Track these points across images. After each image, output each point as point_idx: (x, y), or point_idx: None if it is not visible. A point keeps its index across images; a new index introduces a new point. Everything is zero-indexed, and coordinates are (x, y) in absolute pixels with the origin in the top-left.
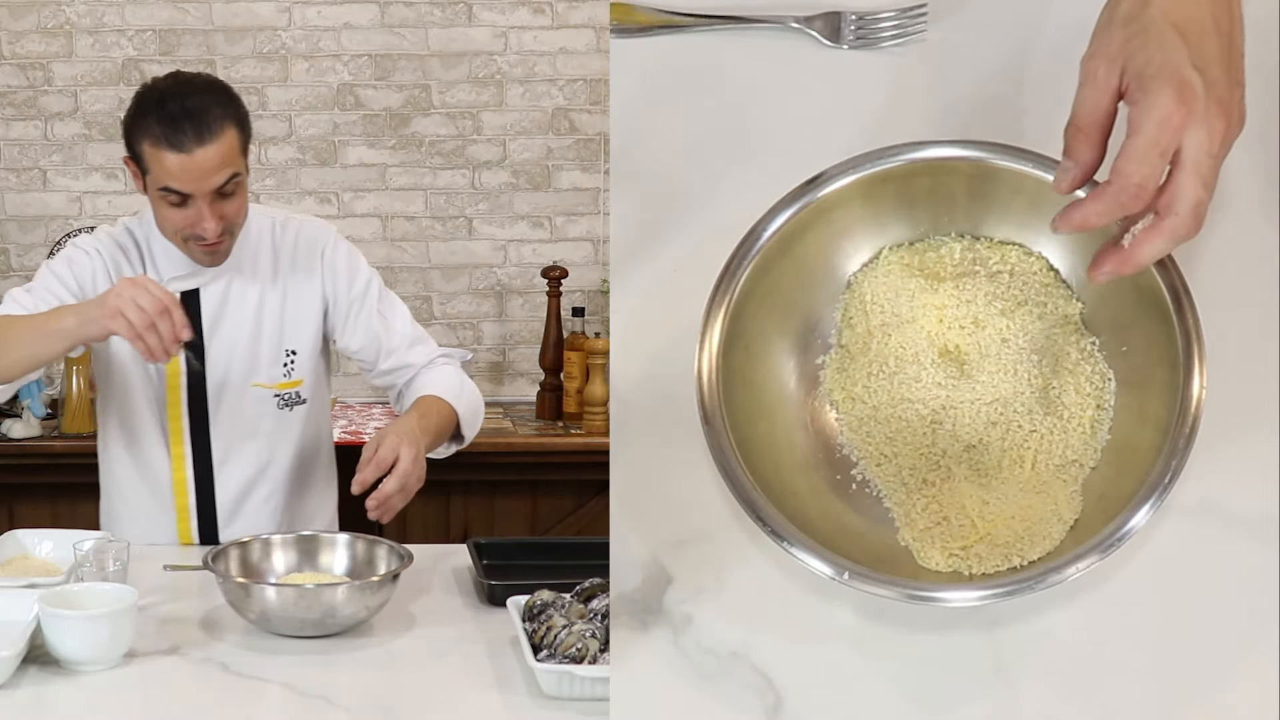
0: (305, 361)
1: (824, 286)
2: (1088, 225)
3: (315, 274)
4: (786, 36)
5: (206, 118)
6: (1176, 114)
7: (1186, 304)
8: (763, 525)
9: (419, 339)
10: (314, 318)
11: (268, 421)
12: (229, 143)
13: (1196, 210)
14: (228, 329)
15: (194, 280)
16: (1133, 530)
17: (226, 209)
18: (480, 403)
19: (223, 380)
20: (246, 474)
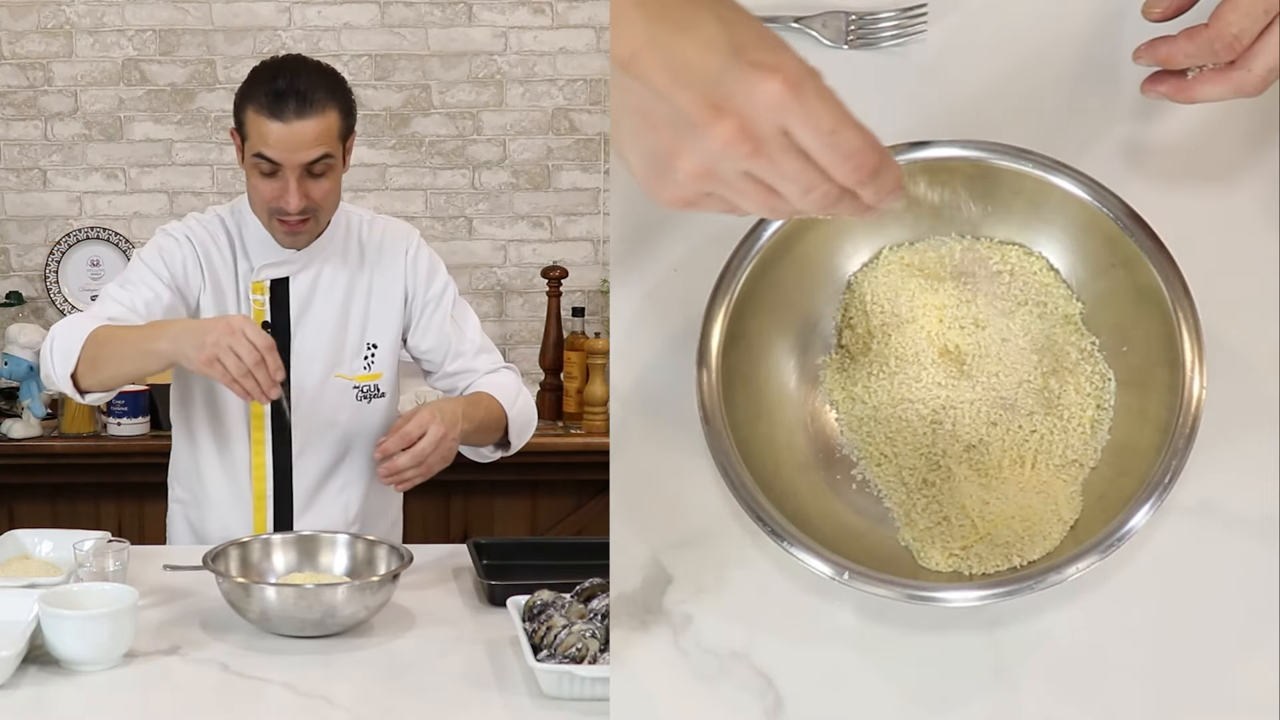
0: (385, 356)
1: (824, 286)
2: (1172, 61)
3: (399, 270)
4: (786, 36)
5: (311, 95)
6: None
7: (1186, 304)
8: (763, 525)
9: (486, 348)
10: (395, 313)
11: (346, 412)
12: (328, 123)
13: (1269, 74)
14: (314, 318)
15: (284, 269)
16: (1133, 530)
17: (313, 189)
18: (533, 416)
19: (307, 368)
20: (324, 464)
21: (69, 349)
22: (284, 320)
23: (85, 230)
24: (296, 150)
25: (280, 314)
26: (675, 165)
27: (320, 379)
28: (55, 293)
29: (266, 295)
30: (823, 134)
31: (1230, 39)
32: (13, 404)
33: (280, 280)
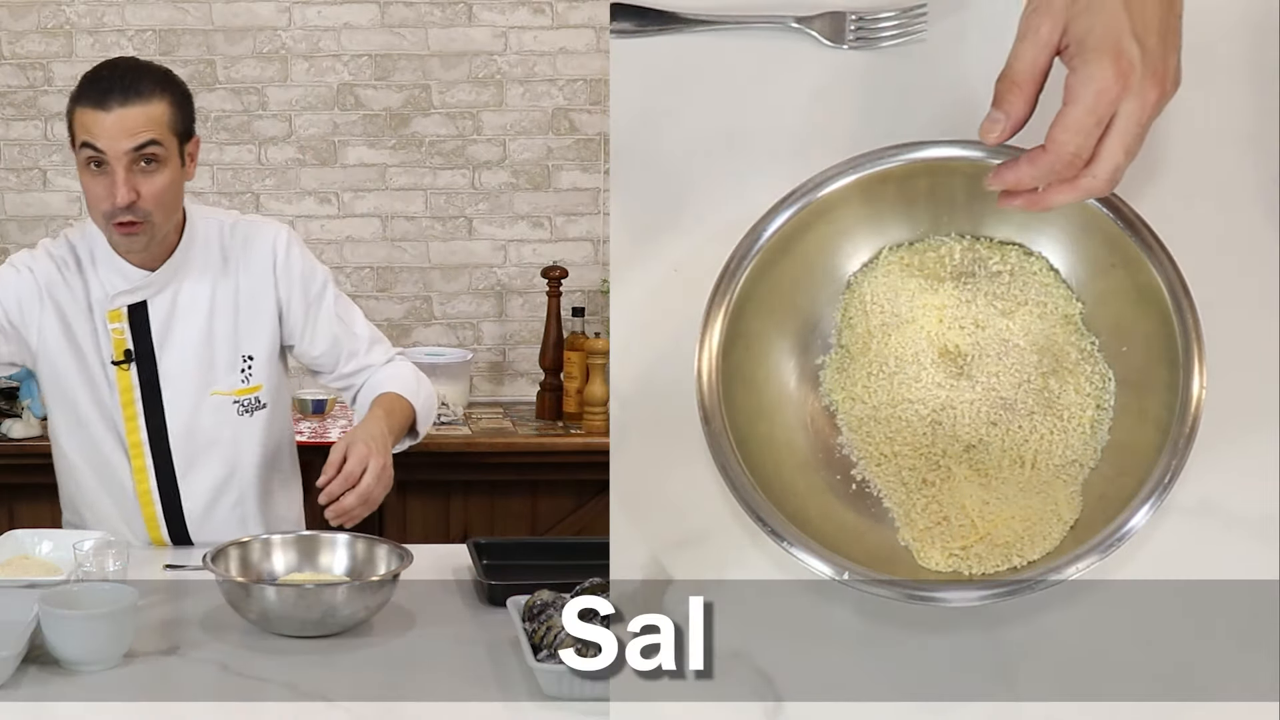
0: (263, 365)
1: (824, 286)
2: (1020, 186)
3: (267, 277)
4: (786, 36)
5: (136, 84)
6: (1114, 86)
7: (1186, 304)
8: (763, 525)
9: (376, 339)
10: (269, 321)
11: (229, 429)
12: (156, 110)
13: (1114, 175)
14: (178, 340)
15: (140, 293)
16: (1133, 530)
17: (143, 184)
18: (435, 399)
19: (178, 391)
20: (211, 483)
21: None
22: (147, 346)
23: None
24: (121, 137)
25: (142, 340)
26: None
27: (195, 399)
28: None
29: (125, 322)
30: None
31: (1069, 158)
32: (13, 404)
33: (137, 305)
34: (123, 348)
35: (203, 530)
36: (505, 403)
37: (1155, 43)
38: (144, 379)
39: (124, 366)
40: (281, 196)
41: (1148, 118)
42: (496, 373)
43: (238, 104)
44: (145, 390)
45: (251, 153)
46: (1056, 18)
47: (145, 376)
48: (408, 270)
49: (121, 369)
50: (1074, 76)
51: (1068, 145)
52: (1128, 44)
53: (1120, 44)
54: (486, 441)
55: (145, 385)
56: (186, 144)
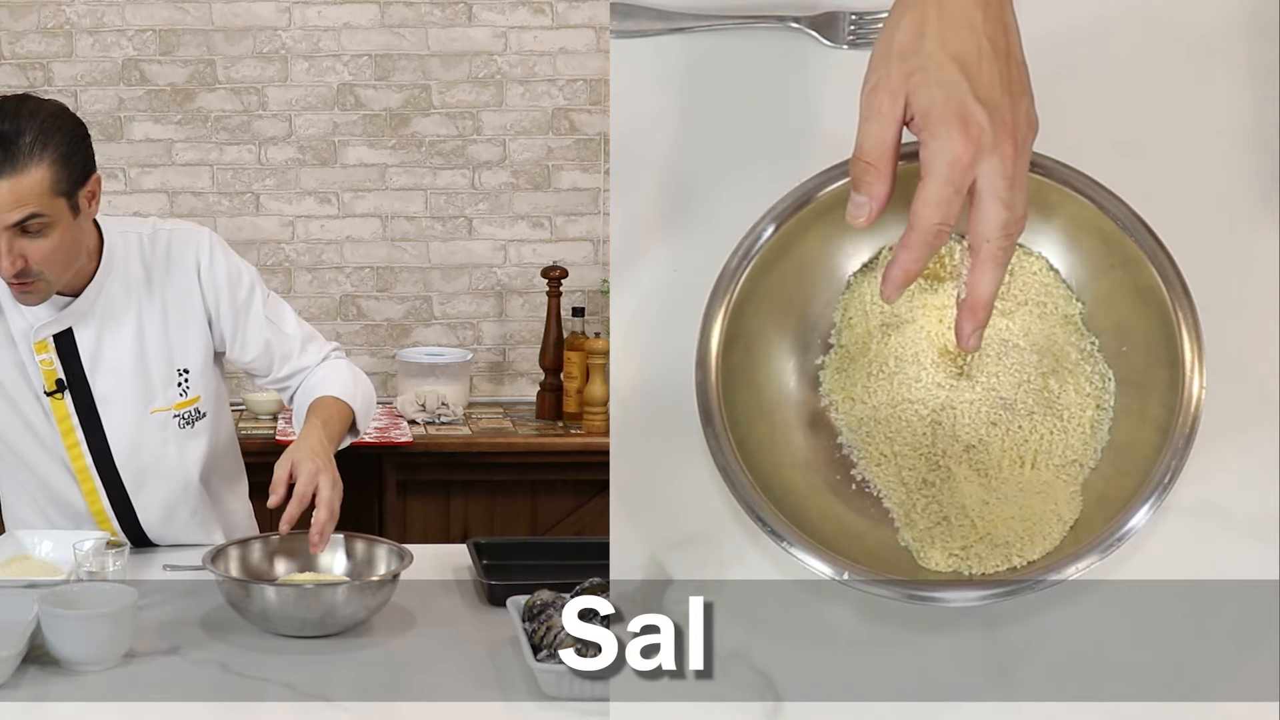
0: (199, 377)
1: (824, 286)
2: (910, 275)
3: (193, 286)
4: (786, 36)
5: (11, 154)
6: (965, 153)
7: (1186, 304)
8: (763, 525)
9: (310, 337)
10: (199, 331)
11: (173, 444)
12: (33, 181)
13: (1006, 230)
14: (111, 362)
15: (64, 321)
16: (1133, 530)
17: (31, 250)
18: (373, 394)
19: (117, 414)
20: (164, 497)
21: None
22: (78, 373)
23: None
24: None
25: (73, 368)
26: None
27: (136, 419)
28: None
29: (53, 351)
30: None
31: (936, 230)
32: None
33: (63, 333)
34: (54, 377)
35: (165, 538)
36: (505, 403)
37: (1000, 97)
38: (80, 406)
39: (58, 396)
40: (281, 196)
41: (1013, 169)
42: (496, 373)
43: (238, 104)
44: (83, 416)
45: (251, 153)
46: (896, 93)
47: (81, 403)
48: (408, 270)
49: (55, 399)
50: (925, 150)
51: (931, 219)
52: (972, 108)
53: (965, 110)
54: (486, 441)
55: (82, 411)
56: (80, 192)
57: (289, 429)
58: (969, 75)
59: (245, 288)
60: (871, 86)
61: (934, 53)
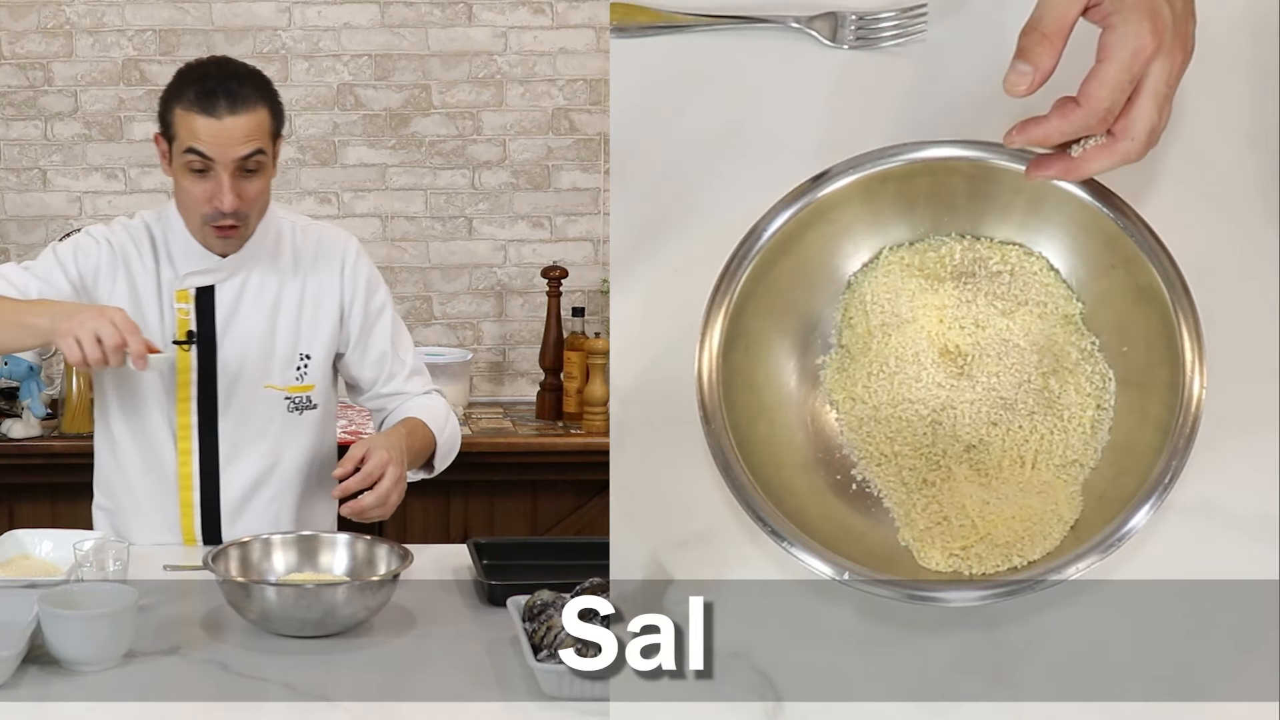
0: (318, 368)
1: (824, 286)
2: (1049, 140)
3: (334, 282)
4: (786, 36)
5: (241, 92)
6: (1150, 45)
7: (1186, 304)
8: (763, 525)
9: (418, 370)
10: (330, 324)
11: (276, 424)
12: (259, 119)
13: (1151, 136)
14: (241, 327)
15: (210, 276)
16: (1133, 530)
17: (246, 188)
18: (458, 441)
19: (234, 379)
20: (252, 475)
21: None
22: (210, 329)
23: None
24: (230, 145)
25: (206, 322)
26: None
27: (249, 389)
28: None
29: (192, 304)
30: None
31: (1104, 113)
32: (13, 404)
33: (206, 288)
34: (186, 328)
35: (235, 524)
36: (505, 403)
37: (1181, 7)
38: (202, 362)
39: (185, 347)
40: (281, 196)
41: (1175, 79)
42: (496, 373)
43: None
44: (202, 373)
45: None
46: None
47: (204, 360)
48: (408, 270)
49: (182, 349)
50: (1110, 34)
51: (1103, 101)
52: (1161, 5)
53: (1156, 4)
54: (486, 441)
55: (203, 368)
56: (276, 143)
57: None
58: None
59: (379, 299)
60: None
61: None
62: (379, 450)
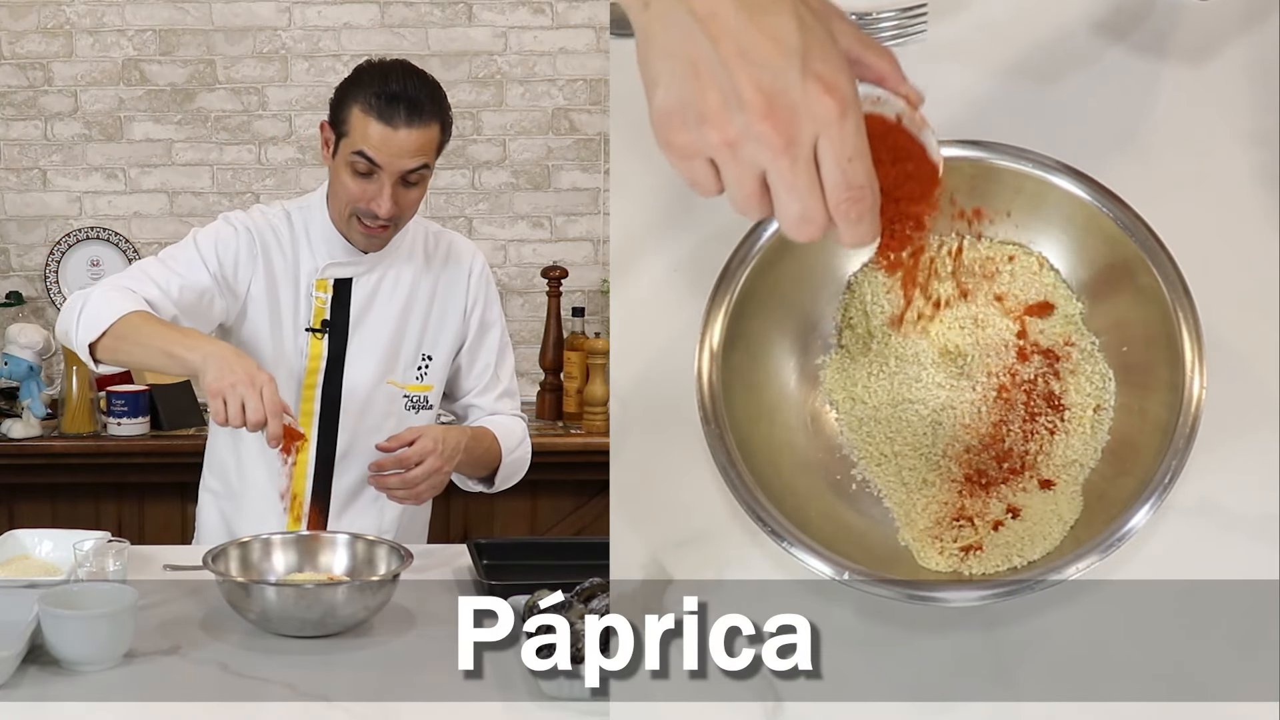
0: (438, 369)
1: (824, 286)
2: None
3: (461, 285)
4: None
5: (421, 104)
6: None
7: (1186, 304)
8: (763, 525)
9: (510, 393)
10: (454, 327)
11: (393, 420)
12: (431, 135)
13: None
14: (373, 322)
15: (350, 269)
16: (1133, 530)
17: (404, 197)
18: (525, 467)
19: (360, 372)
20: (364, 469)
21: (98, 320)
22: (344, 320)
23: (85, 230)
24: (400, 157)
25: (340, 314)
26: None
27: (372, 383)
28: (55, 293)
29: (329, 294)
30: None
31: None
32: (13, 404)
33: (344, 280)
34: (321, 316)
35: (342, 516)
36: None
37: None
38: (333, 351)
39: (318, 335)
40: (281, 196)
41: None
42: None
43: (238, 104)
44: (330, 363)
45: (251, 153)
46: None
47: (334, 349)
48: None
49: (315, 336)
50: None
51: None
52: None
53: None
54: None
55: (332, 358)
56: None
57: None
58: None
59: (495, 313)
60: None
61: None
62: (426, 440)
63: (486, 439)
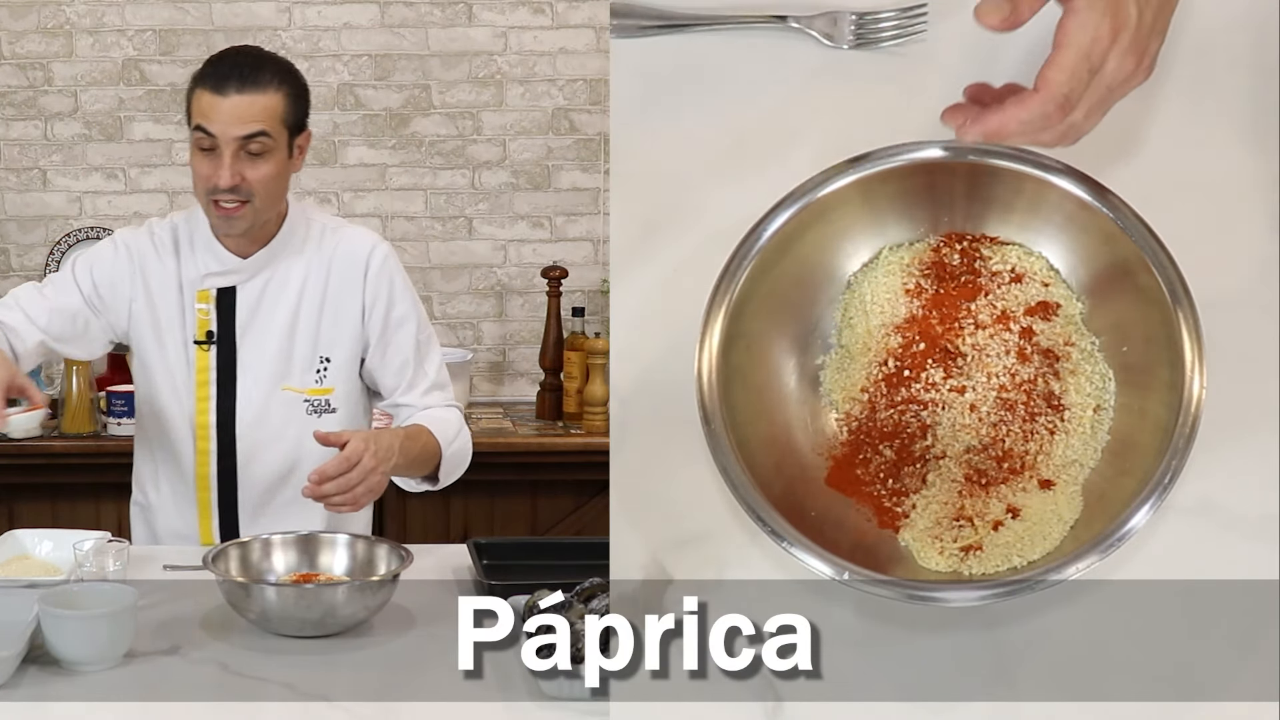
0: (339, 371)
1: (824, 286)
2: (1005, 132)
3: (356, 285)
4: (786, 36)
5: (255, 73)
6: (1107, 35)
7: (1186, 304)
8: (763, 525)
9: (440, 385)
10: (352, 328)
11: (294, 426)
12: (269, 101)
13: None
14: (260, 329)
15: (231, 278)
16: (1133, 530)
17: (249, 170)
18: (468, 457)
19: (253, 381)
20: (269, 477)
21: None
22: (230, 331)
23: (85, 230)
24: (232, 123)
25: (226, 324)
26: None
27: (267, 391)
28: None
29: (213, 304)
30: None
31: (1062, 100)
32: (13, 404)
33: (226, 289)
34: (205, 328)
35: (254, 525)
36: (505, 403)
37: (1150, 17)
38: (221, 363)
39: (204, 347)
40: None
41: (1118, 85)
42: (496, 373)
43: None
44: (221, 374)
45: None
46: None
47: (223, 360)
48: (408, 270)
49: (201, 349)
50: (1071, 19)
51: (1062, 86)
52: (1129, 3)
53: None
54: (486, 441)
55: (222, 369)
56: (297, 137)
57: None
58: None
59: (401, 310)
60: None
61: None
62: (357, 440)
63: (422, 436)
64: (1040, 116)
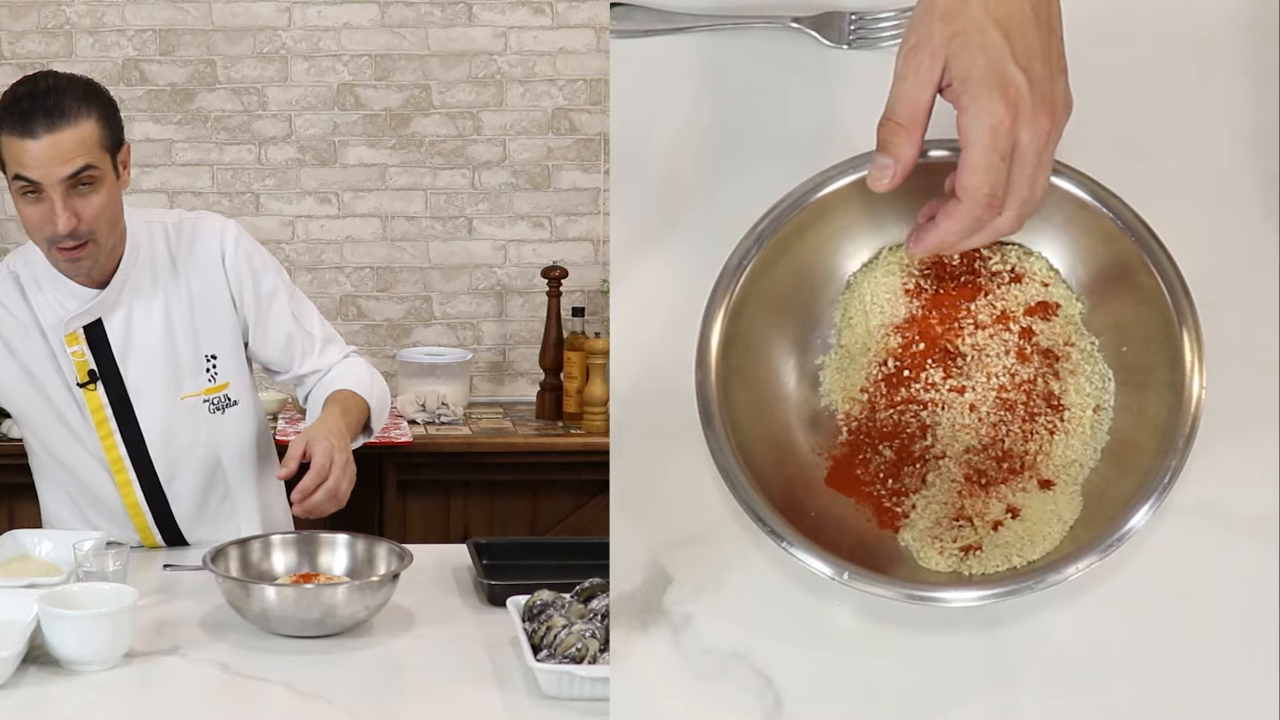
0: (228, 363)
1: (824, 286)
2: (948, 245)
3: (218, 273)
4: (786, 36)
5: (60, 106)
6: (1007, 118)
7: (1186, 304)
8: (763, 525)
9: (330, 339)
10: (226, 318)
11: (204, 429)
12: (85, 133)
13: (1022, 210)
14: (141, 351)
15: (93, 312)
16: (1133, 530)
17: (82, 207)
18: (388, 395)
19: (149, 403)
20: (196, 485)
21: None
22: (110, 363)
23: None
24: (53, 165)
25: (104, 358)
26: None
27: (167, 406)
28: None
29: (84, 343)
30: None
31: (986, 200)
32: None
33: (93, 324)
34: (85, 369)
35: (196, 529)
36: (505, 403)
37: (1040, 69)
38: (113, 396)
39: (90, 387)
40: (281, 196)
41: (1046, 145)
42: (496, 373)
43: (238, 104)
44: (116, 406)
45: (251, 153)
46: (936, 54)
47: (114, 393)
48: (408, 270)
49: (89, 390)
50: (965, 116)
51: (981, 188)
52: (1013, 73)
53: (1005, 74)
54: (486, 441)
55: (115, 402)
56: (118, 155)
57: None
58: (1011, 41)
59: (269, 281)
60: (911, 46)
61: (978, 16)
62: (319, 440)
63: (352, 401)
64: (972, 221)
